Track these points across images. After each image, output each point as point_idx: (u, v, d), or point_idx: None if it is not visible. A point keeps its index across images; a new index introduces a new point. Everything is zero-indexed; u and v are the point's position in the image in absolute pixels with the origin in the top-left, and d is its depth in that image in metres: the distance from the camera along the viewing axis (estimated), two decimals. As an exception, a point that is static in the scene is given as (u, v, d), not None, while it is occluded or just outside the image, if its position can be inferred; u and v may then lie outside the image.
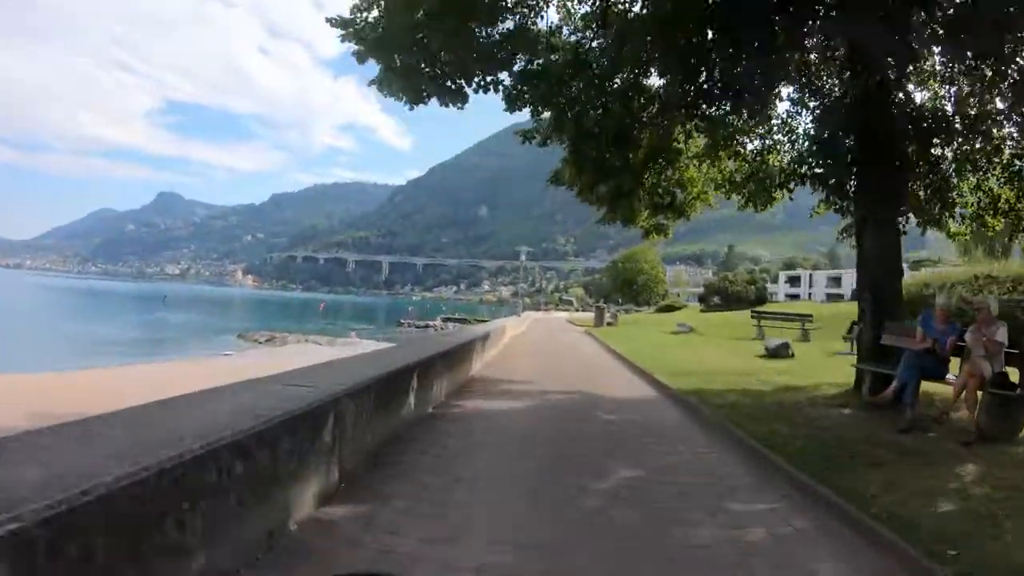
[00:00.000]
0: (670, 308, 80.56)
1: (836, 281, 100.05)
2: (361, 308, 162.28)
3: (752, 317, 26.66)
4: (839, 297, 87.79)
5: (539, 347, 24.14)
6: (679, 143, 15.06)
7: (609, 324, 37.74)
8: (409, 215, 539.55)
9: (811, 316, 26.41)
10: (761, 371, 15.52)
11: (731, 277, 72.39)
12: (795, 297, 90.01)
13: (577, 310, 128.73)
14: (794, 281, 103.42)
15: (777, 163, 14.27)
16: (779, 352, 19.40)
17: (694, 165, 15.94)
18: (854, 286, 76.52)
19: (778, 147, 14.49)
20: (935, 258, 75.57)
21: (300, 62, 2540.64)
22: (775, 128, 14.33)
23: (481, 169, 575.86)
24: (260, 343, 47.08)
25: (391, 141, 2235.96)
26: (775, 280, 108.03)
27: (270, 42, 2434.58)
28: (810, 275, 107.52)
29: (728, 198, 16.10)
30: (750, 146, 15.07)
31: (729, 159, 15.21)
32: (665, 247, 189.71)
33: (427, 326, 73.77)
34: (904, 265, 12.21)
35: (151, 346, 42.67)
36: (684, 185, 16.12)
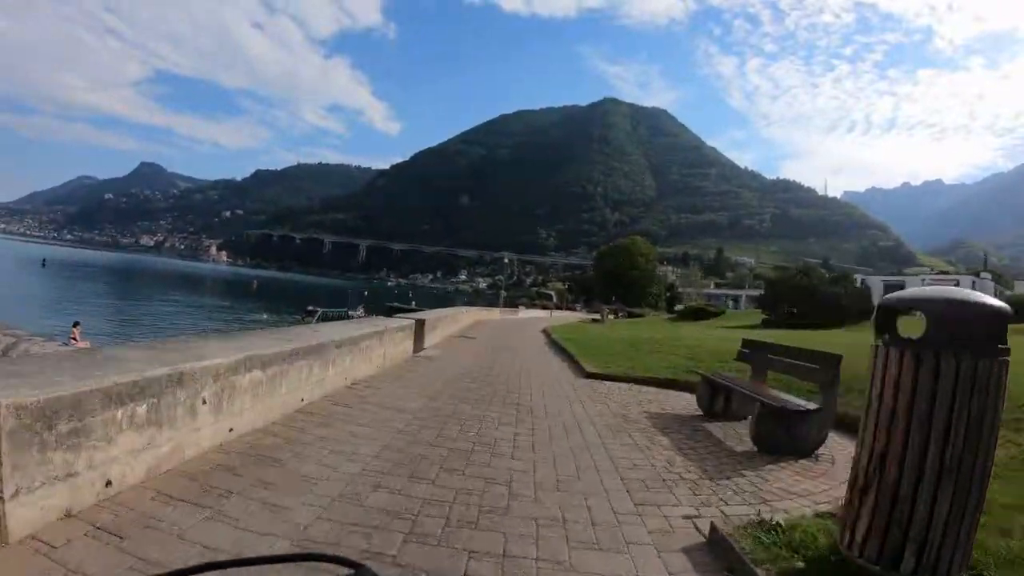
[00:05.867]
0: (702, 313, 50.42)
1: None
2: (326, 291, 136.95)
3: None
4: None
5: None
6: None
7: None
8: (390, 200, 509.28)
9: None
10: None
11: (821, 276, 41.50)
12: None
13: (557, 307, 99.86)
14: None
15: None
16: None
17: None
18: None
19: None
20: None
21: (293, 39, 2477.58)
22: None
23: (465, 158, 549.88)
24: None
25: (379, 125, 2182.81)
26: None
27: (265, 17, 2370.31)
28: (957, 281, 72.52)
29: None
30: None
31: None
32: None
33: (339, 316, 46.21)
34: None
35: None
36: None
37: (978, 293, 3.08)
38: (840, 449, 6.58)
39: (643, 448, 6.33)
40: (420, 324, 13.61)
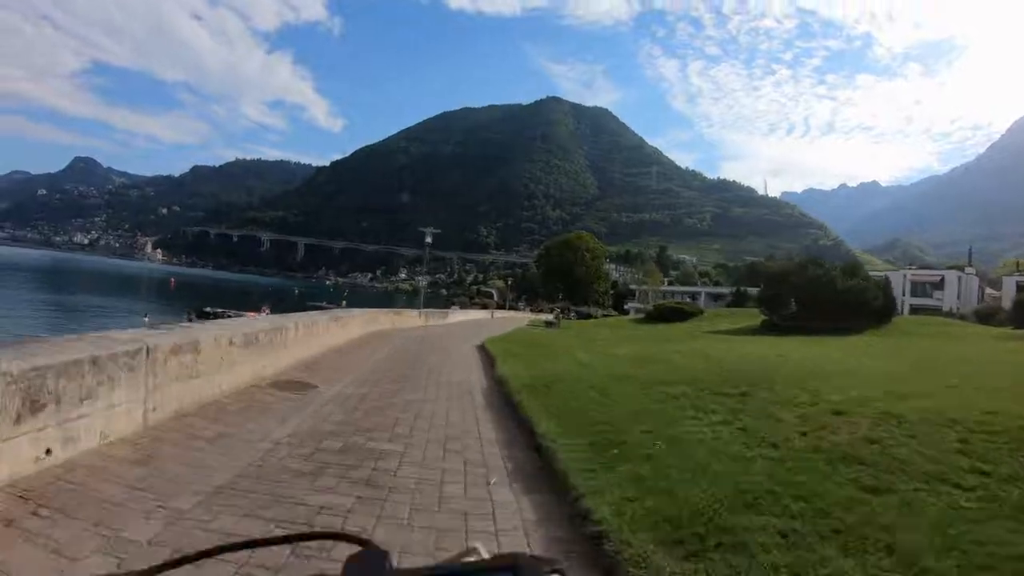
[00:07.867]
0: (676, 313, 41.29)
1: None
2: (260, 290, 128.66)
3: None
4: None
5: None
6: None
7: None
8: (330, 197, 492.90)
9: None
10: None
11: (832, 267, 32.29)
12: (934, 311, 50.06)
13: (499, 305, 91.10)
14: (921, 290, 62.97)
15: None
16: None
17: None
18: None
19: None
20: None
21: (234, 32, 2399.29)
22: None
23: (407, 155, 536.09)
24: None
25: (322, 122, 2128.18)
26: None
27: (205, 8, 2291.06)
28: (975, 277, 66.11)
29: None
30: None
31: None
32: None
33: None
34: None
35: None
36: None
37: None
38: None
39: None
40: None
